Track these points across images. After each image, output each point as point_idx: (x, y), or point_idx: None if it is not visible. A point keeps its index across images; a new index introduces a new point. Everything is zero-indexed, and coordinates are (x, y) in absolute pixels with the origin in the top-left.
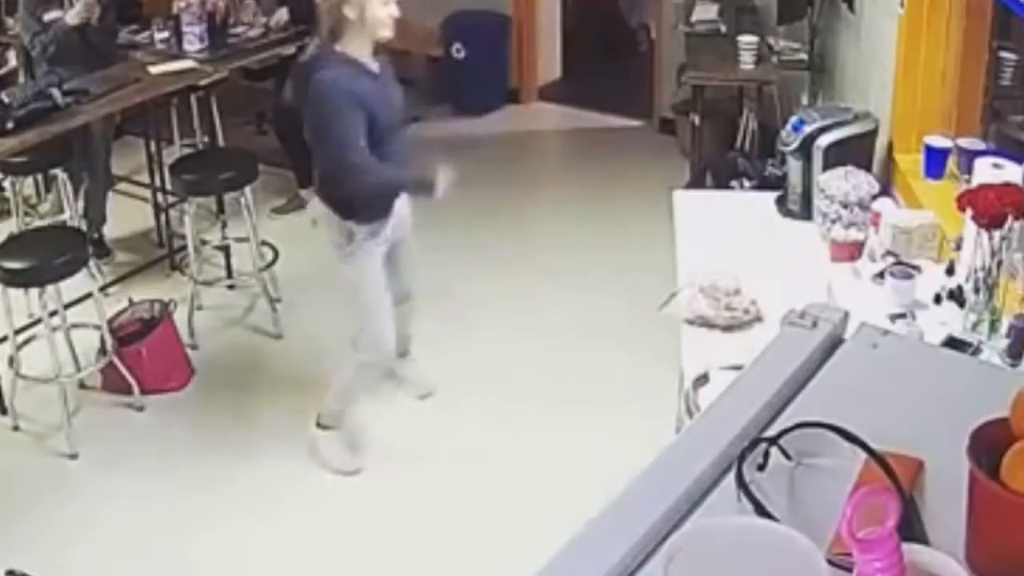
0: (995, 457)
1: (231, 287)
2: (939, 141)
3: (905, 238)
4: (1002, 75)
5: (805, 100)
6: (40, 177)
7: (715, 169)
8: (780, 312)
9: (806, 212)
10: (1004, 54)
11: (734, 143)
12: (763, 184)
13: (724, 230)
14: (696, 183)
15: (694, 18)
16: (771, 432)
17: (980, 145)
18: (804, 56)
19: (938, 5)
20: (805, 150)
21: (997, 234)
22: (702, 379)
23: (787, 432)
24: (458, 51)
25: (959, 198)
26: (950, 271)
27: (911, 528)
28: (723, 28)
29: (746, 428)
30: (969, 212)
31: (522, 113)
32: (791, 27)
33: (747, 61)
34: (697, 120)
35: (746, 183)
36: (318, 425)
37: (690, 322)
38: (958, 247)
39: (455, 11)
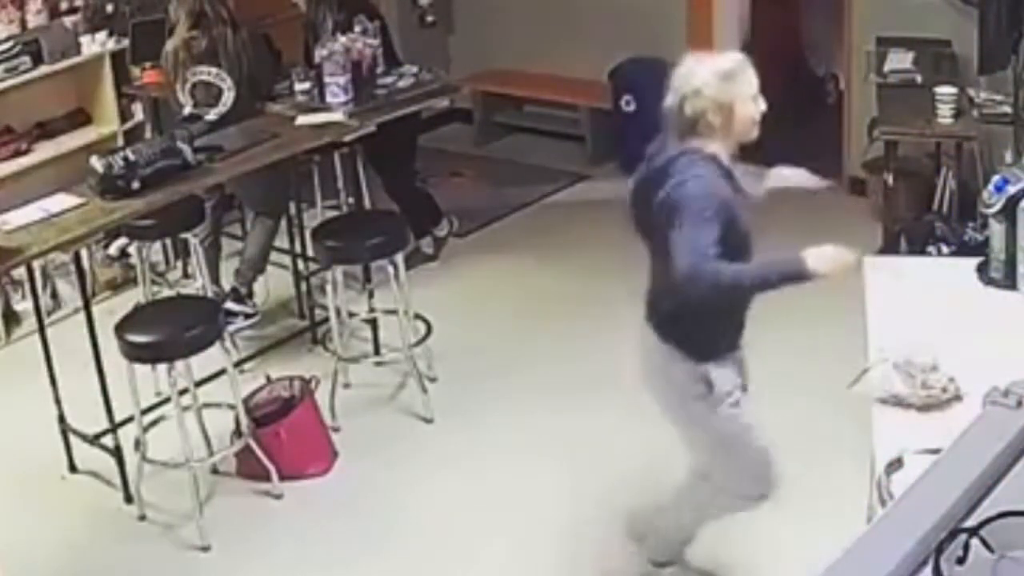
0: None
1: (379, 364)
2: None
3: None
4: None
5: (1009, 157)
6: (169, 242)
7: (910, 233)
8: (982, 390)
9: (1010, 280)
10: None
11: (931, 205)
12: (963, 250)
13: (920, 300)
14: (889, 248)
15: (887, 67)
16: (972, 522)
17: None
18: (1008, 109)
19: None
20: (1009, 212)
21: None
22: (896, 464)
23: (989, 522)
24: (628, 104)
25: None
26: None
27: None
28: (919, 78)
29: (944, 518)
30: None
31: None
32: (994, 77)
33: (945, 115)
34: (890, 179)
35: (944, 248)
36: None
37: (883, 401)
38: None
39: (625, 60)
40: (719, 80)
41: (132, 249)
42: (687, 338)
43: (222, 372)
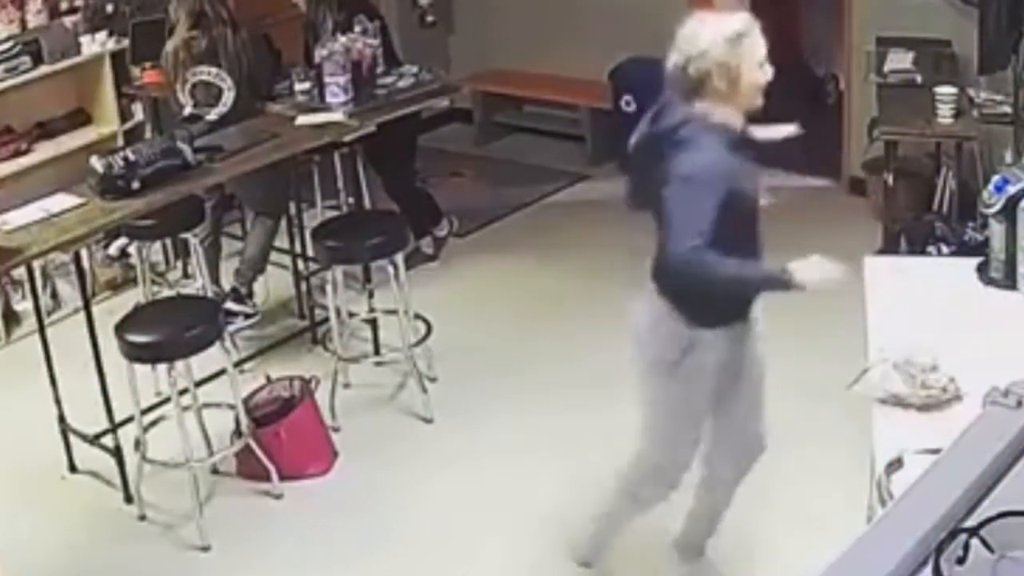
0: None
1: (379, 364)
2: None
3: None
4: None
5: (1009, 157)
6: (169, 242)
7: (910, 233)
8: (982, 390)
9: (1010, 280)
10: None
11: (931, 205)
12: (962, 250)
13: (920, 300)
14: (889, 248)
15: (887, 67)
16: (972, 522)
17: None
18: (1008, 109)
19: None
20: (1009, 212)
21: None
22: (896, 464)
23: (989, 522)
24: (628, 104)
25: None
26: None
27: None
28: (919, 78)
29: (944, 517)
30: None
31: None
32: (994, 77)
33: (945, 115)
34: (890, 179)
35: (944, 248)
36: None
37: (883, 401)
38: None
39: (625, 60)
40: (726, 42)
41: (132, 249)
42: (684, 298)
43: (222, 372)
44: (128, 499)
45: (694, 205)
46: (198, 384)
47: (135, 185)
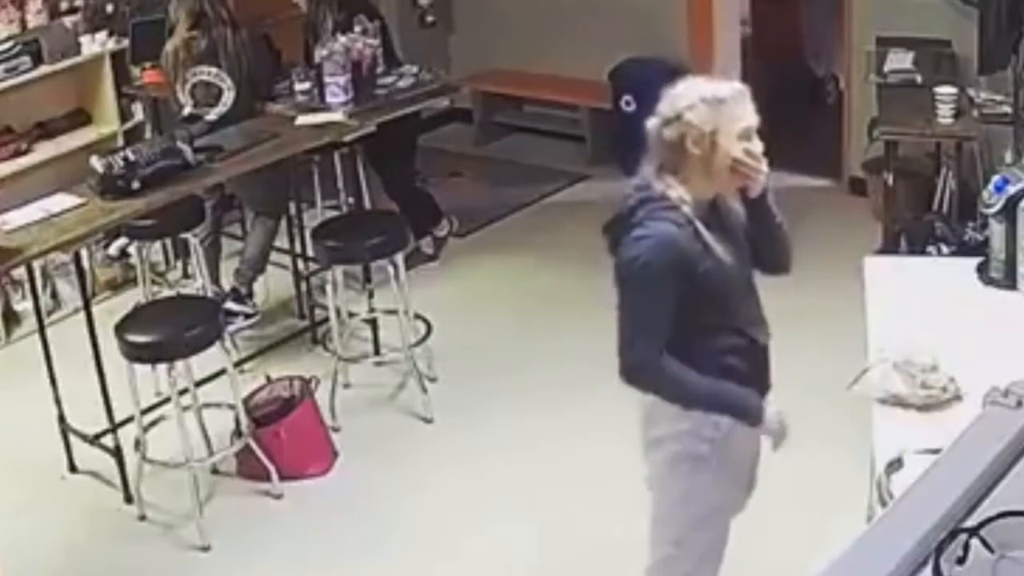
0: None
1: (379, 364)
2: None
3: None
4: None
5: (1009, 158)
6: (169, 242)
7: (910, 233)
8: (982, 390)
9: (1010, 280)
10: None
11: (931, 205)
12: (963, 250)
13: (920, 300)
14: (889, 248)
15: (887, 67)
16: (972, 522)
17: None
18: (1008, 109)
19: None
20: (1009, 212)
21: None
22: (896, 464)
23: (989, 522)
24: (628, 104)
25: None
26: None
27: None
28: (919, 78)
29: (944, 518)
30: None
31: None
32: (994, 77)
33: (945, 115)
34: (890, 179)
35: (944, 248)
36: None
37: (882, 401)
38: None
39: (625, 60)
40: (704, 104)
41: (132, 249)
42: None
43: (222, 372)
44: (128, 499)
45: (639, 311)
46: (198, 384)
47: (135, 185)
